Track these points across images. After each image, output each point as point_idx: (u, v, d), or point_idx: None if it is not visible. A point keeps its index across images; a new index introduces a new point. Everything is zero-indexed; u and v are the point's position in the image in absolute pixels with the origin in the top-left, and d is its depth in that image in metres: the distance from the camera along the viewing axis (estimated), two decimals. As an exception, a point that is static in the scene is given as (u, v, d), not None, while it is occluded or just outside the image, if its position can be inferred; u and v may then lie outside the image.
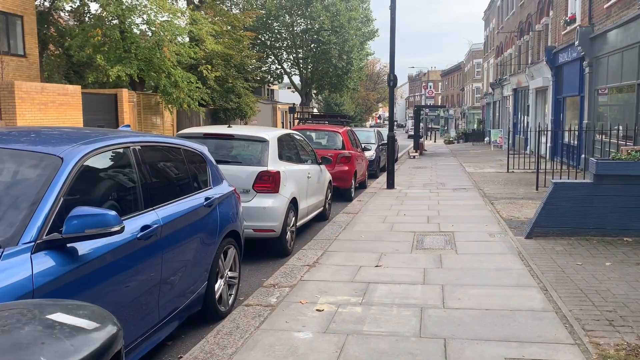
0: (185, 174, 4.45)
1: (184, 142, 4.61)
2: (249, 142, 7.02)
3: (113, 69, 20.65)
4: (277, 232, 6.77)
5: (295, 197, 7.31)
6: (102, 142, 3.46)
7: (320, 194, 9.21)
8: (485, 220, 8.86)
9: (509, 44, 34.07)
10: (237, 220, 5.15)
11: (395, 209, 10.21)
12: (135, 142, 3.79)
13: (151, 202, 3.71)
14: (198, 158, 4.78)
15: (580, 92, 18.29)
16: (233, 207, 5.14)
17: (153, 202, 3.73)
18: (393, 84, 13.28)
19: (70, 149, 3.18)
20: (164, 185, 4.07)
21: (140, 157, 3.75)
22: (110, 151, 3.53)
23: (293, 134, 8.51)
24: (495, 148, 33.03)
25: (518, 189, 13.10)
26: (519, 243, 7.04)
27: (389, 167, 13.62)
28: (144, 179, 3.69)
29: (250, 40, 37.44)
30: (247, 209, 6.54)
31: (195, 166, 4.70)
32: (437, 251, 6.76)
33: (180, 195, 4.17)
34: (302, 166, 8.10)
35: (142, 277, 3.45)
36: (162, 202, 3.84)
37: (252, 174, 6.65)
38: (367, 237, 7.66)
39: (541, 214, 7.22)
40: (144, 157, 3.80)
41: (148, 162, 3.85)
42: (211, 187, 4.79)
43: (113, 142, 3.57)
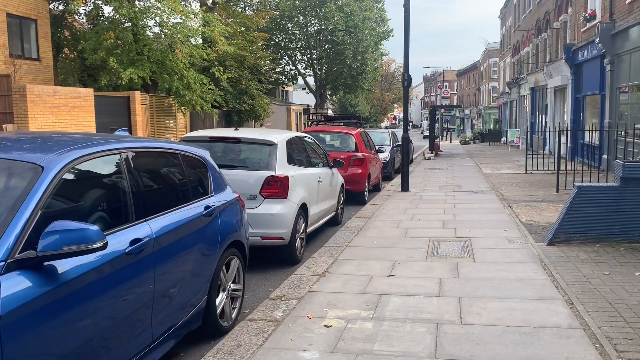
0: (183, 181, 4.18)
1: (182, 147, 4.35)
2: (256, 145, 6.75)
3: (125, 72, 20.59)
4: (285, 240, 6.48)
5: (305, 203, 7.02)
6: (89, 148, 3.21)
7: (332, 198, 8.91)
8: (503, 225, 8.49)
9: (525, 42, 33.46)
10: (241, 229, 4.87)
11: (410, 213, 9.88)
12: (127, 148, 3.53)
13: (144, 213, 3.44)
14: (198, 164, 4.52)
15: (601, 91, 17.76)
16: (236, 216, 4.87)
17: (146, 213, 3.46)
18: (407, 84, 12.94)
19: (52, 156, 2.93)
20: (158, 194, 3.81)
21: (133, 164, 3.49)
22: (99, 158, 3.27)
23: (303, 136, 8.22)
24: (512, 148, 32.44)
25: (537, 191, 12.68)
26: (541, 250, 6.68)
27: (404, 169, 13.27)
28: (135, 188, 3.43)
29: (263, 42, 37.34)
30: (254, 216, 6.28)
31: (194, 173, 4.43)
32: (454, 259, 6.42)
33: (177, 204, 3.90)
34: (313, 170, 7.82)
35: (131, 295, 3.19)
36: (156, 212, 3.58)
37: (260, 179, 6.38)
38: (380, 244, 7.35)
39: (564, 219, 6.84)
40: (136, 164, 3.54)
41: (141, 170, 3.59)
42: (212, 194, 4.52)
43: (102, 148, 3.31)
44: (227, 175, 6.32)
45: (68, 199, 3.02)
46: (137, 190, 3.44)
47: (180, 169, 4.17)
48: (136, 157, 3.58)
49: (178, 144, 4.40)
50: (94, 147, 3.26)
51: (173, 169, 4.12)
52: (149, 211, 3.51)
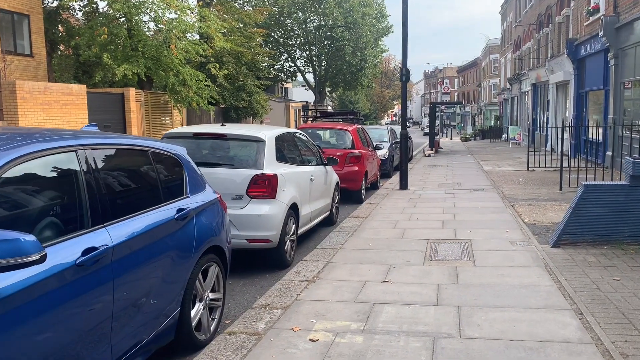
0: (153, 181, 3.78)
1: (154, 143, 3.95)
2: (243, 142, 6.35)
3: (119, 68, 20.21)
4: (274, 243, 6.10)
5: (295, 203, 6.63)
6: (38, 145, 2.82)
7: (326, 197, 8.52)
8: (505, 226, 8.10)
9: (527, 37, 33.00)
10: (221, 233, 4.48)
11: (408, 213, 9.49)
12: (86, 145, 3.14)
13: (102, 219, 3.06)
14: (172, 162, 4.12)
15: (605, 86, 17.34)
16: (216, 218, 4.48)
17: (105, 218, 3.08)
18: (406, 79, 12.54)
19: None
20: (122, 197, 3.41)
21: (91, 163, 3.10)
22: (50, 156, 2.88)
23: (294, 132, 7.83)
24: (513, 145, 32.06)
25: (540, 189, 12.28)
26: (545, 253, 6.29)
27: (402, 166, 12.87)
28: (93, 190, 3.04)
29: (262, 38, 36.90)
30: (240, 217, 5.90)
31: (167, 172, 4.04)
32: (453, 263, 6.03)
33: (144, 207, 3.51)
34: (305, 168, 7.42)
35: (84, 312, 2.80)
36: (117, 217, 3.19)
37: (246, 178, 5.99)
38: (376, 246, 6.96)
39: (570, 219, 6.45)
40: (96, 163, 3.15)
41: (102, 169, 3.20)
42: (188, 195, 4.13)
43: (54, 145, 2.93)
44: (212, 173, 5.95)
45: (10, 203, 2.63)
46: (95, 193, 3.05)
47: (150, 167, 3.77)
48: (96, 155, 3.19)
49: (150, 140, 4.00)
50: (45, 143, 2.88)
51: (141, 168, 3.73)
52: (109, 216, 3.12)
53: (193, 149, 6.34)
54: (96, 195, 3.05)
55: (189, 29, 22.56)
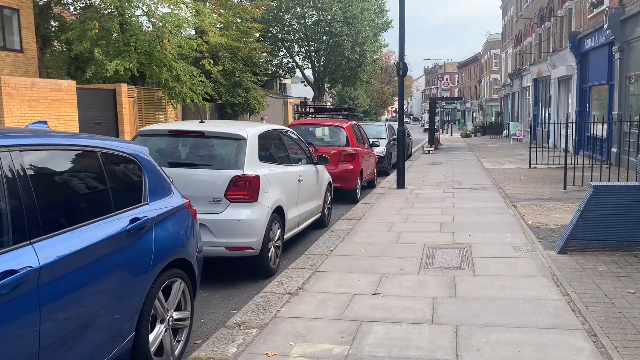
0: (101, 187, 3.26)
1: (106, 143, 3.44)
2: (222, 140, 5.84)
3: (111, 63, 19.69)
4: (255, 250, 5.59)
5: (280, 206, 6.13)
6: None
7: (317, 198, 8.02)
8: (507, 228, 7.60)
9: (528, 32, 32.43)
10: (187, 244, 3.98)
11: (404, 214, 8.98)
12: (12, 145, 2.63)
13: (28, 235, 2.55)
14: (128, 164, 3.61)
15: (609, 80, 16.82)
16: (183, 227, 3.98)
17: (32, 234, 2.57)
18: (403, 73, 12.01)
19: None
20: (57, 207, 2.90)
21: (17, 167, 2.60)
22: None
23: (281, 129, 7.30)
24: (514, 141, 31.53)
25: (543, 187, 11.77)
26: (551, 260, 5.78)
27: (399, 164, 12.36)
28: (17, 200, 2.53)
29: (259, 33, 36.31)
30: (218, 222, 5.40)
31: (121, 175, 3.53)
32: (451, 271, 5.53)
33: (88, 218, 3.00)
34: (292, 167, 6.91)
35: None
36: (50, 232, 2.68)
37: (225, 180, 5.48)
38: (368, 252, 6.46)
39: (578, 223, 5.95)
40: (24, 168, 2.64)
41: (32, 175, 2.69)
42: (147, 202, 3.62)
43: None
44: (188, 175, 5.46)
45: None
46: (20, 203, 2.55)
47: (99, 171, 3.26)
48: (25, 158, 2.68)
49: (102, 139, 3.49)
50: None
51: (86, 172, 3.22)
52: (38, 231, 2.61)
53: (168, 148, 5.86)
54: (21, 206, 2.55)
55: (182, 23, 22.04)
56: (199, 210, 5.38)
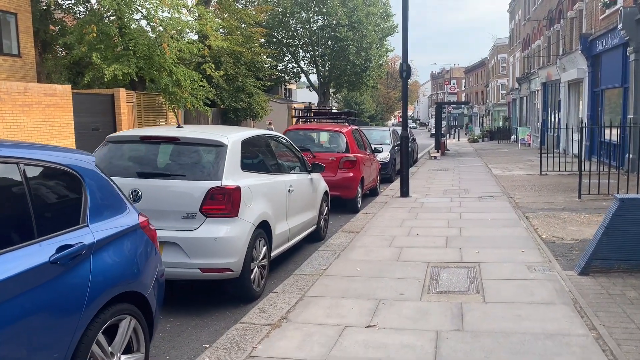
0: (20, 208, 2.62)
1: (31, 152, 2.80)
2: (199, 147, 5.19)
3: (109, 68, 19.18)
4: (235, 272, 4.94)
5: (266, 221, 5.47)
6: None
7: (311, 209, 7.36)
8: (520, 243, 6.90)
9: (537, 35, 31.70)
10: (141, 272, 3.33)
11: (407, 226, 8.30)
12: None
13: None
14: (63, 178, 2.97)
15: (624, 83, 16.08)
16: (135, 252, 3.33)
17: None
18: (406, 75, 11.35)
19: None
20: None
21: None
22: None
23: (270, 135, 6.64)
24: (523, 147, 30.77)
25: (556, 196, 11.05)
26: (572, 283, 5.09)
27: (403, 171, 11.69)
28: None
29: (263, 37, 35.81)
30: (191, 241, 4.76)
31: (50, 193, 2.90)
32: (457, 297, 4.85)
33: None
34: (282, 177, 6.26)
35: None
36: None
37: (200, 192, 4.83)
38: (365, 271, 5.79)
39: (601, 241, 5.25)
40: None
41: None
42: (85, 224, 2.97)
43: None
44: (159, 186, 4.82)
45: None
46: None
47: (18, 188, 2.62)
48: None
49: (26, 146, 2.86)
50: None
51: (4, 190, 2.58)
52: None
53: (139, 157, 5.23)
54: None
55: (183, 27, 21.54)
56: (171, 227, 4.77)
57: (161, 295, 3.68)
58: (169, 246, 4.75)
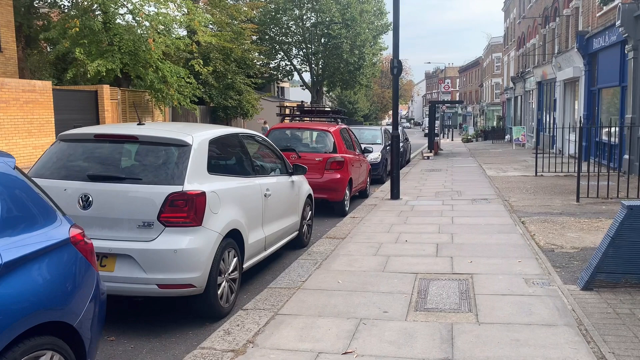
0: None
1: None
2: (160, 147, 4.63)
3: (92, 64, 18.57)
4: (198, 288, 4.39)
5: (236, 229, 4.93)
6: None
7: (293, 215, 6.83)
8: (516, 252, 6.40)
9: (532, 33, 31.28)
10: (69, 297, 2.79)
11: (396, 232, 7.78)
12: None
13: None
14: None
15: (621, 82, 15.64)
16: (62, 273, 2.78)
17: None
18: (397, 72, 10.83)
19: None
20: None
21: None
22: None
23: (245, 134, 6.08)
24: (517, 146, 30.35)
25: (553, 199, 10.57)
26: (575, 300, 4.58)
27: (393, 173, 11.17)
28: None
29: (254, 34, 35.22)
30: (148, 253, 4.21)
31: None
32: (447, 316, 4.34)
33: None
34: (257, 180, 5.71)
35: None
36: None
37: (159, 198, 4.29)
38: (347, 284, 5.27)
39: (607, 253, 4.75)
40: None
41: None
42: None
43: None
44: (111, 191, 4.27)
45: None
46: None
47: None
48: None
49: None
50: None
51: None
52: None
53: (93, 157, 4.68)
54: None
55: (169, 22, 20.94)
56: (125, 237, 4.23)
57: (101, 319, 3.14)
58: (123, 259, 4.21)
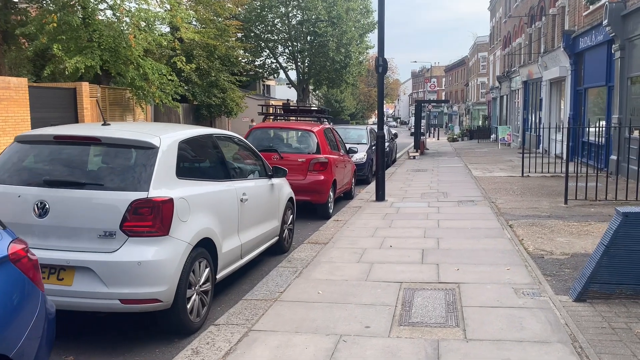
0: None
1: None
2: (125, 149, 4.29)
3: (71, 60, 18.05)
4: (165, 302, 4.06)
5: (209, 238, 4.60)
6: None
7: (272, 219, 6.51)
8: (504, 259, 6.14)
9: (518, 32, 31.21)
10: (8, 327, 2.44)
11: (380, 236, 7.50)
12: None
13: None
14: None
15: (608, 82, 15.51)
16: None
17: None
18: (382, 70, 10.54)
19: None
20: None
21: None
22: None
23: (219, 134, 5.71)
24: (503, 146, 30.30)
25: (540, 201, 10.36)
26: (567, 313, 4.32)
27: (378, 174, 10.89)
28: None
29: (239, 31, 34.77)
30: (109, 266, 3.87)
31: None
32: (433, 331, 4.05)
33: None
34: (232, 184, 5.38)
35: None
36: None
37: (121, 205, 3.94)
38: (327, 295, 4.96)
39: (601, 262, 4.50)
40: None
41: None
42: None
43: None
44: (70, 198, 3.93)
45: None
46: None
47: None
48: None
49: None
50: None
51: None
52: None
53: (52, 160, 4.32)
54: None
55: (150, 18, 20.46)
56: (84, 248, 3.89)
57: (49, 342, 2.81)
58: (82, 272, 3.87)
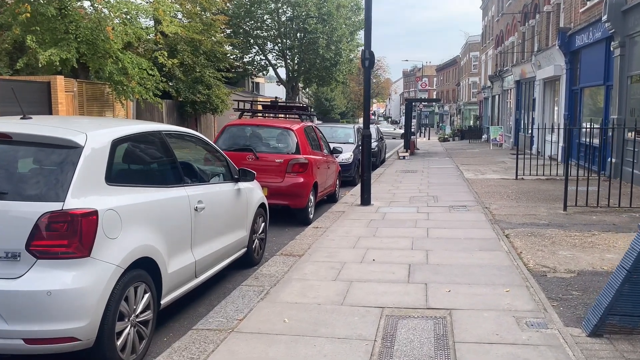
0: None
1: None
2: (40, 148, 3.48)
3: (45, 53, 17.09)
4: (85, 341, 3.24)
5: (148, 257, 3.78)
6: None
7: (238, 229, 5.70)
8: (502, 277, 5.37)
9: (510, 31, 30.57)
10: None
11: (362, 247, 6.71)
12: None
13: None
14: None
15: (606, 81, 14.84)
16: None
17: None
18: (369, 64, 9.76)
19: None
20: None
21: None
22: None
23: (170, 131, 4.81)
24: (494, 146, 29.65)
25: (537, 207, 9.63)
26: (582, 353, 3.55)
27: (364, 176, 10.10)
28: None
29: (228, 27, 33.88)
30: (11, 296, 3.05)
31: None
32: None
33: None
34: (183, 190, 4.54)
35: None
36: None
37: (27, 219, 3.12)
38: (294, 325, 4.16)
39: (622, 290, 3.74)
40: None
41: None
42: None
43: None
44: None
45: None
46: None
47: None
48: None
49: None
50: None
51: None
52: None
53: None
54: None
55: (130, 10, 19.54)
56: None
57: None
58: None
